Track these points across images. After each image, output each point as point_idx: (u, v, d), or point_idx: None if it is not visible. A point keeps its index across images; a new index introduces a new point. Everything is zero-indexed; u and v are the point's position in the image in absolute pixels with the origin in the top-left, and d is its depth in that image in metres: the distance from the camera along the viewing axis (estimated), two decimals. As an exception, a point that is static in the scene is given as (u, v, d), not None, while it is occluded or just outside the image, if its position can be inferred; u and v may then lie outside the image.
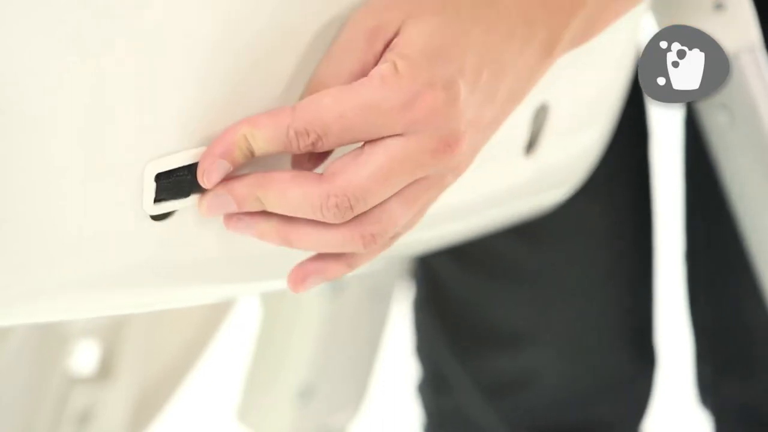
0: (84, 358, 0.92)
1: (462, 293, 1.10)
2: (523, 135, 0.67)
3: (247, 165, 0.58)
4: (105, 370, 0.92)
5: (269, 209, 0.58)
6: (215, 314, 1.08)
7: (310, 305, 1.05)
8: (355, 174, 0.57)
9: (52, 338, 0.86)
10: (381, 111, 0.57)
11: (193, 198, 0.56)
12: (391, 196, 0.59)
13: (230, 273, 0.62)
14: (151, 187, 0.54)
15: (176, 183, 0.55)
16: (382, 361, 1.18)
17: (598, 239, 1.06)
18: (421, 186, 0.59)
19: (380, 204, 0.59)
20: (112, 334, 0.93)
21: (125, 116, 0.53)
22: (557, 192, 0.74)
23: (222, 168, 0.57)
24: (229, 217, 0.58)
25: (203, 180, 0.57)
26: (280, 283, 0.63)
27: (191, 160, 0.55)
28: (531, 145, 0.68)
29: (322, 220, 0.58)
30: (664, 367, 1.15)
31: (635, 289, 1.10)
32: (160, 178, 0.54)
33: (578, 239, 1.05)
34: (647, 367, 1.13)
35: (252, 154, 0.58)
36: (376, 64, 0.58)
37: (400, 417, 1.37)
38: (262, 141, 0.57)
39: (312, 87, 0.59)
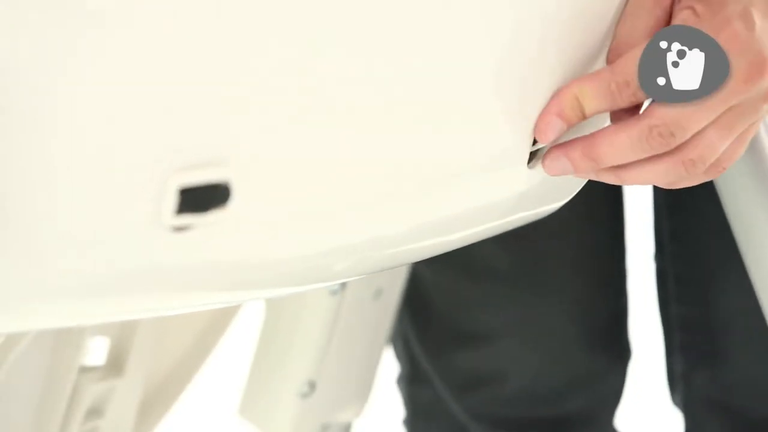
0: (95, 353, 0.92)
1: (432, 292, 1.11)
2: (526, 145, 0.67)
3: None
4: (115, 366, 0.92)
5: (603, 165, 0.66)
6: (224, 313, 1.08)
7: (313, 302, 1.05)
8: (672, 105, 0.64)
9: (65, 333, 0.86)
10: None
11: (213, 214, 0.56)
12: (708, 125, 0.65)
13: (241, 281, 0.62)
14: (172, 199, 0.54)
15: (198, 198, 0.55)
16: (387, 358, 1.18)
17: (568, 238, 1.07)
18: (735, 112, 0.65)
19: (698, 132, 0.65)
20: (123, 330, 0.93)
21: (151, 123, 0.52)
22: (554, 205, 0.74)
23: (557, 127, 0.66)
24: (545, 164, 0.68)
25: (540, 137, 0.66)
26: (289, 291, 0.64)
27: (215, 178, 0.55)
28: (533, 156, 0.69)
29: (649, 153, 0.65)
30: (638, 362, 1.16)
31: (606, 286, 1.11)
32: (182, 190, 0.54)
33: (549, 238, 1.06)
34: (618, 362, 1.14)
35: (583, 114, 0.66)
36: (667, 16, 0.66)
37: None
38: (590, 97, 0.65)
39: (618, 47, 0.67)
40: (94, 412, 0.91)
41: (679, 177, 0.67)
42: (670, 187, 0.69)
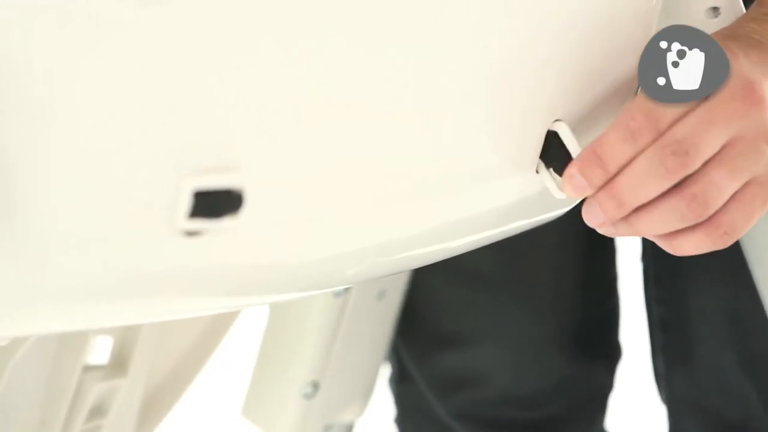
0: (98, 352, 0.92)
1: (416, 294, 1.11)
2: (535, 151, 0.68)
3: None
4: (118, 365, 0.93)
5: (639, 232, 0.67)
6: (227, 313, 1.08)
7: (317, 303, 1.05)
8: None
9: (69, 333, 0.86)
10: None
11: (225, 220, 0.56)
12: (709, 161, 0.65)
13: (250, 287, 0.62)
14: (187, 201, 0.54)
15: (212, 202, 0.55)
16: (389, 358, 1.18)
17: (553, 241, 1.07)
18: (735, 149, 0.64)
19: (701, 171, 0.65)
20: (126, 330, 0.93)
21: (169, 124, 0.53)
22: (559, 211, 0.75)
23: (582, 188, 0.66)
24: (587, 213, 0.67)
25: (565, 190, 0.66)
26: (298, 296, 0.64)
27: (229, 183, 0.56)
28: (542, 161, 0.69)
29: (682, 223, 0.65)
30: (630, 362, 1.16)
31: (593, 288, 1.11)
32: (197, 194, 0.54)
33: (534, 241, 1.06)
34: (605, 363, 1.14)
35: (608, 173, 0.65)
36: None
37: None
38: (617, 146, 0.64)
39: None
40: (97, 411, 0.92)
41: (681, 217, 0.66)
42: (673, 251, 0.69)
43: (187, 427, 1.30)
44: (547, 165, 0.68)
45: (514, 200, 0.70)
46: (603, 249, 1.10)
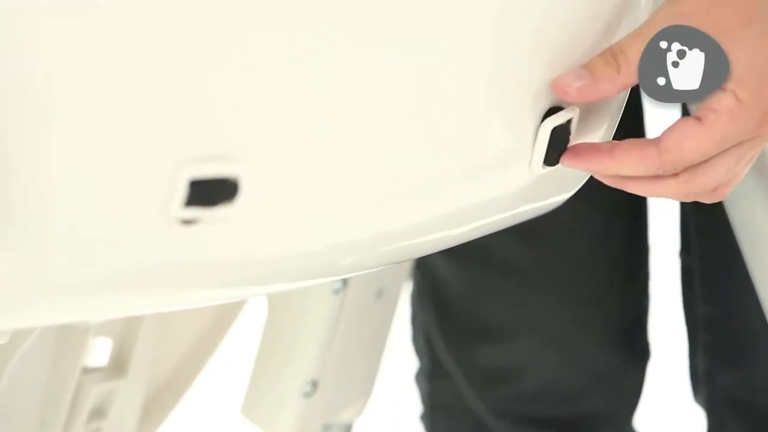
0: (98, 354, 0.92)
1: (454, 287, 1.11)
2: (529, 141, 0.68)
3: None
4: (118, 366, 0.93)
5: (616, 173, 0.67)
6: (226, 313, 1.08)
7: (316, 301, 1.05)
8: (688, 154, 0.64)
9: (68, 334, 0.87)
10: (736, 138, 0.64)
11: (221, 209, 0.56)
12: (721, 157, 0.65)
13: (246, 277, 0.62)
14: (182, 189, 0.54)
15: (207, 191, 0.55)
16: (388, 356, 1.18)
17: (589, 235, 1.07)
18: (745, 145, 0.66)
19: (709, 164, 0.66)
20: (126, 331, 0.93)
21: (165, 115, 0.53)
22: (561, 197, 0.75)
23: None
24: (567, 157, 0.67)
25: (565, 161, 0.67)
26: (295, 286, 0.65)
27: (224, 172, 0.56)
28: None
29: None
30: (660, 361, 1.16)
31: (628, 286, 1.10)
32: (192, 182, 0.54)
33: (569, 235, 1.06)
34: (637, 362, 1.13)
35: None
36: None
37: (406, 413, 1.37)
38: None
39: None
40: (97, 412, 0.92)
41: (683, 198, 0.68)
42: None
43: (187, 427, 1.30)
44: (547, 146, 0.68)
45: (512, 190, 0.70)
46: (638, 249, 1.10)
